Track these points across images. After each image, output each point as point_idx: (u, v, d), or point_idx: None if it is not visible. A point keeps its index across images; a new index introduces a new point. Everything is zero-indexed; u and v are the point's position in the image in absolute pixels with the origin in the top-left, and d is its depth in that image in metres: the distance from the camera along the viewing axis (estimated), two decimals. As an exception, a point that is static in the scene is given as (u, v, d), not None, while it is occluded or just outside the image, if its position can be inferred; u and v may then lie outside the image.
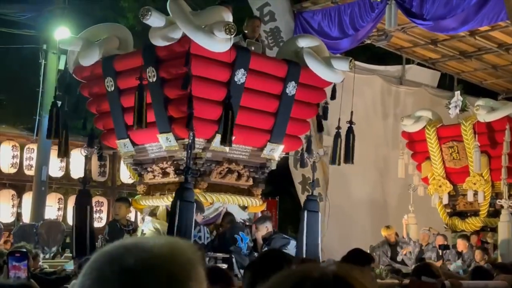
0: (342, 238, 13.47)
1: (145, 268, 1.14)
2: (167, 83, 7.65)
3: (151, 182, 8.49)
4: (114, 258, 1.16)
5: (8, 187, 16.38)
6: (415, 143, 13.73)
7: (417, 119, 13.50)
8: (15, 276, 2.72)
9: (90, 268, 1.18)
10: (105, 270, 1.16)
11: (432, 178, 13.52)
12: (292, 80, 8.31)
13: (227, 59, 7.64)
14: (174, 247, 1.20)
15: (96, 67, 8.40)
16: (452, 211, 13.62)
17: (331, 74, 8.48)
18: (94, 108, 8.83)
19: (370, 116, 15.35)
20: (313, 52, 8.51)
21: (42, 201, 15.14)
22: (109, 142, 8.81)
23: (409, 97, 16.15)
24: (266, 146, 8.46)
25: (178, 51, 7.45)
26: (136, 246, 1.18)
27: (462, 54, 15.34)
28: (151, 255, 1.16)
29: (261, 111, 8.33)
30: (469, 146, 12.75)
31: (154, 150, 8.26)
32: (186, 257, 1.19)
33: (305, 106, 8.78)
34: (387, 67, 16.40)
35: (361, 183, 14.81)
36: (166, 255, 1.17)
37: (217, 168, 8.14)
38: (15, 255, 2.78)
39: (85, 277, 1.17)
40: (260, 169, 8.70)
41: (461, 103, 13.03)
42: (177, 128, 7.67)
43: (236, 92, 7.69)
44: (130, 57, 8.14)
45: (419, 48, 15.36)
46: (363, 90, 15.18)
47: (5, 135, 16.34)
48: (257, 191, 8.74)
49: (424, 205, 13.70)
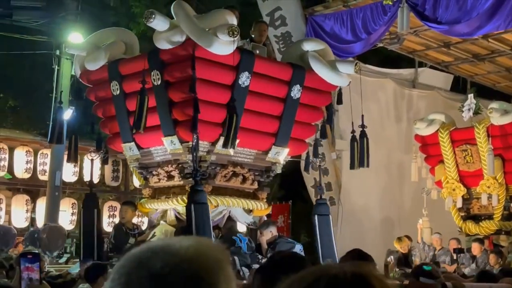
0: (355, 241, 13.37)
1: (172, 272, 1.15)
2: (171, 86, 7.67)
3: (156, 185, 8.50)
4: (142, 262, 1.17)
5: (22, 192, 16.45)
6: (428, 146, 13.66)
7: (430, 122, 13.44)
8: (28, 277, 2.74)
9: (118, 274, 1.18)
10: (133, 274, 1.16)
11: (446, 182, 13.45)
12: (297, 84, 8.30)
13: (231, 62, 7.63)
14: (201, 249, 1.20)
15: (102, 71, 8.43)
16: (466, 215, 13.54)
17: (336, 78, 8.46)
18: (100, 112, 8.86)
19: (384, 119, 15.32)
20: (318, 56, 8.50)
21: (56, 206, 15.20)
22: (115, 145, 8.83)
23: (422, 100, 16.10)
24: (271, 149, 8.45)
25: (182, 54, 7.47)
26: (163, 249, 1.18)
27: (475, 57, 15.27)
28: (178, 258, 1.16)
29: (265, 114, 8.32)
30: (483, 149, 12.68)
31: (159, 153, 8.27)
32: (214, 258, 1.19)
33: (310, 109, 8.77)
34: (400, 71, 16.36)
35: (374, 187, 14.76)
36: (193, 257, 1.17)
37: (222, 171, 8.13)
38: (27, 257, 2.80)
39: (114, 282, 1.17)
40: (265, 172, 8.68)
41: (475, 106, 12.96)
42: (181, 131, 7.67)
43: (240, 95, 7.69)
44: (135, 61, 8.14)
45: (432, 51, 15.31)
46: (376, 94, 15.16)
47: (19, 141, 16.41)
48: (262, 194, 8.70)
49: (437, 209, 13.64)
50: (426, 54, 15.58)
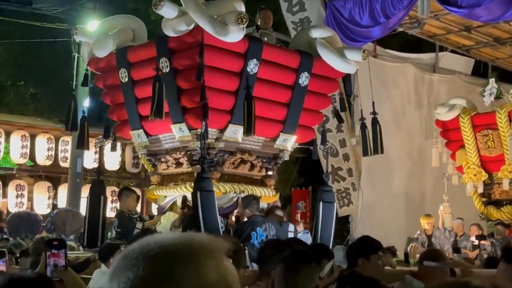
0: (375, 227, 13.39)
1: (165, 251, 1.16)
2: (180, 74, 7.64)
3: (164, 172, 8.48)
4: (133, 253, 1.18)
5: (43, 179, 16.64)
6: (449, 131, 13.57)
7: (451, 107, 13.33)
8: (54, 263, 2.78)
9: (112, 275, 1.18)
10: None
11: (467, 167, 13.35)
12: (305, 71, 8.27)
13: (239, 49, 7.61)
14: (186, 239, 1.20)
15: (110, 58, 8.40)
16: (487, 200, 13.45)
17: (344, 65, 8.41)
18: (109, 99, 8.84)
19: (405, 105, 15.25)
20: (326, 43, 8.45)
21: (77, 192, 15.34)
22: (123, 133, 8.82)
23: (442, 85, 15.97)
24: (279, 136, 8.42)
25: (190, 41, 7.43)
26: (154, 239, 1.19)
27: (497, 41, 15.11)
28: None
29: (273, 101, 8.29)
30: (504, 134, 12.57)
31: (168, 140, 8.25)
32: (198, 246, 1.19)
33: (318, 96, 8.73)
34: (420, 55, 16.24)
35: (395, 172, 14.70)
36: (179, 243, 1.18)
37: (230, 158, 8.11)
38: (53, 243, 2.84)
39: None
40: (273, 159, 8.65)
41: (496, 90, 12.84)
42: (190, 118, 7.66)
43: (248, 82, 7.67)
44: (144, 48, 8.13)
45: (453, 35, 15.16)
46: (397, 79, 15.08)
47: (40, 128, 16.58)
48: (270, 181, 8.67)
49: (458, 194, 13.55)
50: (446, 38, 15.43)
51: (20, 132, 16.05)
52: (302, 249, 5.90)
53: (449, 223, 12.95)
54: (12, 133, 16.01)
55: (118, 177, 18.09)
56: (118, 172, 17.80)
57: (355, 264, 4.57)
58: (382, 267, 4.63)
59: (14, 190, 15.95)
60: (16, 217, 13.82)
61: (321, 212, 8.35)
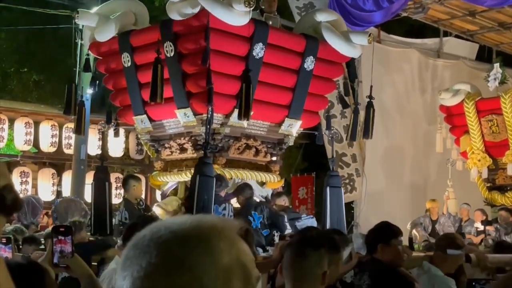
0: (379, 213, 13.39)
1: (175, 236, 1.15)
2: (184, 58, 7.56)
3: (168, 158, 8.41)
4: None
5: (48, 165, 16.65)
6: (453, 117, 13.54)
7: (455, 92, 13.30)
8: (61, 249, 2.79)
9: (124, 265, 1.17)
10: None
11: (471, 152, 13.34)
12: (311, 55, 8.20)
13: (245, 33, 7.54)
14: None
15: (112, 42, 8.30)
16: (491, 185, 13.45)
17: (349, 49, 8.35)
18: (111, 84, 8.75)
19: (409, 90, 15.21)
20: (331, 27, 8.39)
21: (81, 179, 15.34)
22: (126, 118, 8.73)
23: (447, 70, 15.92)
24: (284, 121, 8.37)
25: (195, 25, 7.35)
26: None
27: (501, 25, 15.04)
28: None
29: (279, 86, 8.24)
30: (509, 119, 12.55)
31: (172, 126, 8.18)
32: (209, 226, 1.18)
33: (323, 81, 8.68)
34: (424, 40, 16.18)
35: (399, 158, 14.70)
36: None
37: (235, 143, 8.06)
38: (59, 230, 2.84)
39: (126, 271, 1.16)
40: (278, 145, 8.61)
41: (500, 75, 12.81)
42: (195, 103, 7.59)
43: (254, 66, 7.60)
44: (147, 32, 8.04)
45: (457, 20, 15.10)
46: (401, 64, 15.03)
47: (44, 115, 16.57)
48: (275, 167, 8.65)
49: (463, 180, 13.56)
50: (451, 23, 15.37)
51: (24, 119, 16.06)
52: (312, 234, 5.89)
53: (454, 208, 12.96)
54: (16, 120, 16.01)
55: (122, 164, 18.11)
56: (122, 158, 17.81)
57: (374, 250, 4.51)
58: (402, 253, 4.56)
59: (19, 177, 15.97)
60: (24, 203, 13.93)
61: (328, 197, 8.34)
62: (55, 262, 2.81)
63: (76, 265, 2.89)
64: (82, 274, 2.93)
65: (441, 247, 5.05)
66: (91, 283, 2.93)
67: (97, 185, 8.38)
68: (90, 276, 2.94)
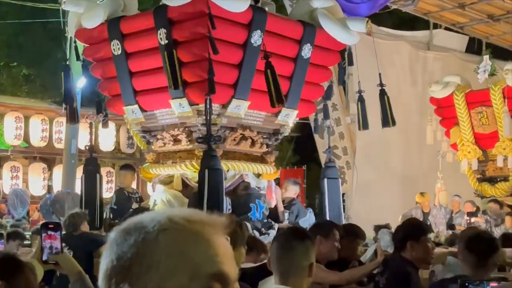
0: (370, 205, 13.46)
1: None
2: (180, 46, 7.27)
3: (160, 150, 8.11)
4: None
5: (38, 160, 16.60)
6: (443, 109, 13.58)
7: (445, 84, 13.33)
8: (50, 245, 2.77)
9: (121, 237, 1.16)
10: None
11: (461, 144, 13.39)
12: (308, 43, 7.96)
13: (243, 20, 7.28)
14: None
15: (100, 29, 7.98)
16: (481, 177, 13.52)
17: (346, 36, 8.12)
18: (99, 73, 8.44)
19: (400, 82, 15.23)
20: (327, 13, 8.14)
21: (72, 173, 15.28)
22: (115, 108, 8.42)
23: (437, 62, 15.96)
24: (281, 111, 8.12)
25: (192, 11, 7.08)
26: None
27: (491, 17, 15.10)
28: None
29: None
30: (499, 111, 12.59)
31: (165, 116, 7.91)
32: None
33: (320, 69, 8.46)
34: (415, 33, 16.23)
35: (389, 150, 14.73)
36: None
37: (231, 134, 7.82)
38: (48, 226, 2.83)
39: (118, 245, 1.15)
40: (274, 135, 8.38)
41: (490, 67, 12.84)
42: (191, 93, 7.34)
43: (252, 54, 7.35)
44: (140, 19, 7.77)
45: (447, 12, 15.14)
46: (391, 57, 15.04)
47: (34, 109, 16.50)
48: (271, 158, 8.41)
49: (453, 172, 13.61)
50: (441, 16, 15.41)
51: (14, 114, 15.98)
52: (299, 227, 5.88)
53: (445, 200, 13.01)
54: (6, 115, 15.94)
55: (113, 158, 18.06)
56: (113, 152, 17.76)
57: (403, 248, 4.39)
58: (432, 249, 4.45)
59: (9, 171, 15.92)
60: (13, 195, 13.96)
61: (326, 189, 8.23)
62: (45, 259, 2.80)
63: (65, 262, 2.87)
64: (71, 270, 2.90)
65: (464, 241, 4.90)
66: (81, 280, 2.91)
67: (87, 178, 8.18)
68: (79, 272, 2.92)
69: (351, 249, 5.18)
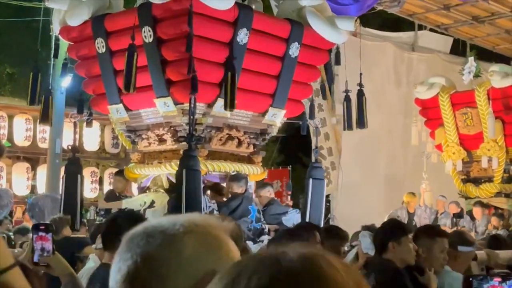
0: (355, 205, 13.47)
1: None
2: (164, 44, 7.20)
3: (145, 150, 8.01)
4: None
5: (22, 160, 16.48)
6: (428, 110, 13.65)
7: (430, 85, 13.40)
8: (41, 247, 2.73)
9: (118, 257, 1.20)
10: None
11: (446, 145, 13.46)
12: (295, 41, 7.89)
13: (229, 18, 7.18)
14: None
15: (85, 27, 7.88)
16: (466, 178, 13.59)
17: (335, 34, 8.05)
18: (83, 71, 8.34)
19: (384, 83, 15.28)
20: (316, 11, 8.05)
21: (56, 173, 15.17)
22: (100, 107, 8.30)
23: (421, 63, 16.03)
24: (268, 111, 8.06)
25: (176, 9, 7.00)
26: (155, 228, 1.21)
27: (475, 19, 15.17)
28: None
29: (263, 73, 7.90)
30: (483, 112, 12.67)
31: (150, 115, 7.81)
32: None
33: (308, 68, 8.38)
34: (400, 34, 16.27)
35: (374, 151, 14.76)
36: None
37: (217, 134, 7.73)
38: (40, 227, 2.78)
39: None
40: (261, 135, 8.31)
41: (475, 68, 12.92)
42: (176, 92, 7.24)
43: (238, 53, 7.24)
44: (124, 16, 7.63)
45: (432, 14, 15.20)
46: (376, 58, 15.07)
47: (18, 108, 16.38)
48: (258, 158, 8.34)
49: (437, 172, 13.68)
50: (426, 17, 15.47)
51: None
52: (290, 227, 5.82)
53: (429, 200, 13.06)
54: (-11, 114, 15.83)
55: (97, 158, 17.96)
56: (98, 152, 17.67)
57: (384, 250, 4.34)
58: (414, 250, 4.38)
59: (-7, 171, 15.81)
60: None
61: (310, 189, 8.13)
62: (36, 261, 2.75)
63: (56, 263, 2.83)
64: (62, 272, 2.86)
65: (452, 244, 4.76)
66: (72, 282, 2.87)
67: (68, 178, 8.01)
68: (71, 274, 2.88)
69: (334, 252, 5.13)
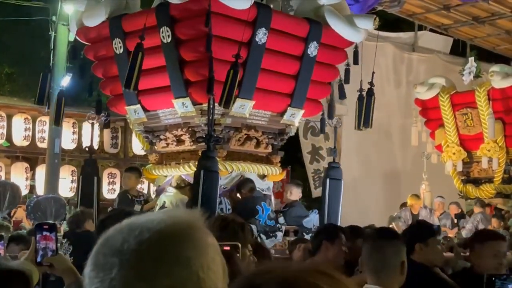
0: (354, 206, 13.44)
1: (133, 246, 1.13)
2: (183, 44, 7.19)
3: (163, 150, 8.02)
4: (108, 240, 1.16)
5: (21, 159, 16.43)
6: (428, 110, 13.64)
7: (430, 86, 13.39)
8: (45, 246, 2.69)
9: (91, 256, 1.16)
10: (99, 254, 1.15)
11: (446, 146, 13.45)
12: (314, 40, 7.86)
13: (248, 17, 7.14)
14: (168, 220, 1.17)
15: (102, 27, 7.91)
16: (466, 178, 13.59)
17: (354, 33, 8.02)
18: (101, 72, 8.35)
19: (384, 84, 15.25)
20: (334, 10, 7.99)
21: (55, 173, 15.16)
22: (118, 108, 8.33)
23: (421, 64, 16.01)
24: (287, 111, 8.03)
25: (195, 9, 6.99)
26: (128, 225, 1.16)
27: (475, 20, 15.16)
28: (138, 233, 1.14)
29: (281, 73, 7.88)
30: (483, 113, 12.66)
31: (168, 116, 7.81)
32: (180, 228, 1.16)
33: (326, 67, 8.35)
34: (399, 34, 16.24)
35: (374, 151, 14.75)
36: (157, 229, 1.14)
37: (236, 135, 7.70)
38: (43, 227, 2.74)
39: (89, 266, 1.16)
40: (279, 135, 8.28)
41: (475, 69, 12.91)
42: (194, 92, 7.23)
43: (257, 53, 7.24)
44: (141, 17, 7.56)
45: (432, 14, 15.19)
46: (376, 58, 15.02)
47: (17, 108, 16.34)
48: (276, 158, 8.31)
49: (437, 173, 13.66)
50: (426, 17, 15.46)
51: (-4, 113, 15.85)
52: (385, 227, 5.76)
53: (428, 201, 13.04)
54: (-12, 114, 15.79)
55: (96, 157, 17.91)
56: (97, 152, 17.63)
57: (411, 251, 4.22)
58: (441, 251, 4.34)
59: (-9, 171, 15.77)
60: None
61: (328, 189, 8.08)
62: (39, 261, 2.71)
63: (60, 263, 2.78)
64: (66, 272, 2.82)
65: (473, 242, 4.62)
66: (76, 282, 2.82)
67: (85, 179, 8.08)
68: (75, 275, 2.84)
69: (355, 251, 5.09)
